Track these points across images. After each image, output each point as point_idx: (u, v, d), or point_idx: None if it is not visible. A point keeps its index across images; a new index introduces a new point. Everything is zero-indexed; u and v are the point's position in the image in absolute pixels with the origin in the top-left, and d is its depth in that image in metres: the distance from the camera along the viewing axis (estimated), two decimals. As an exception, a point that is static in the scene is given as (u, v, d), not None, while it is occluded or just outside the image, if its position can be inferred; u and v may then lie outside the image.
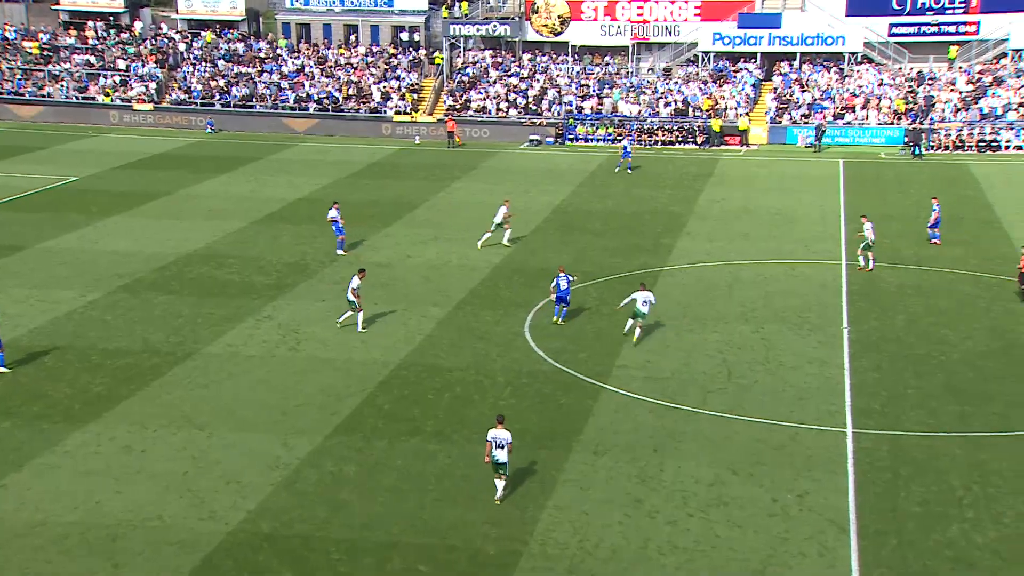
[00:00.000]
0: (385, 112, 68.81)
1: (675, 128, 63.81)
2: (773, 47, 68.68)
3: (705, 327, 31.10)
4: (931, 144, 59.32)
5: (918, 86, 65.12)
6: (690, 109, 65.52)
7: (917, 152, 58.06)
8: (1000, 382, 26.77)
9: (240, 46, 76.58)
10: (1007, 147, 59.22)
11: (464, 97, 69.36)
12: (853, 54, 67.54)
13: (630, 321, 30.13)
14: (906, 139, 60.04)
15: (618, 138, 62.89)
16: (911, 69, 66.88)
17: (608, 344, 29.76)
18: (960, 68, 66.24)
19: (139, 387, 27.00)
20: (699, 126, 63.38)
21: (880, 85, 65.60)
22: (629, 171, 54.83)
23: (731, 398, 26.01)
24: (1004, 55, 66.16)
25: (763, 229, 42.46)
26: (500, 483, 21.04)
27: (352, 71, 72.64)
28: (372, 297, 34.15)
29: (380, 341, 30.22)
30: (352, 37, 76.98)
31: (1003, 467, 22.18)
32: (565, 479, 22.00)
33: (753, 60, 69.25)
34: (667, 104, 66.25)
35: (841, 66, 67.58)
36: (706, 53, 69.81)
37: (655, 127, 64.04)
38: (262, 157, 60.02)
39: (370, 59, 74.30)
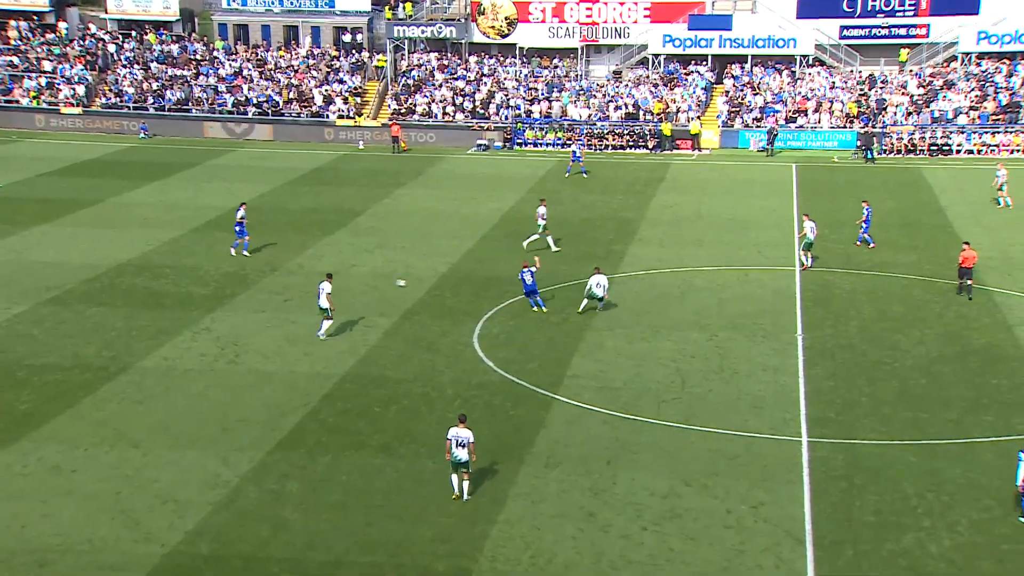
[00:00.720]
0: (327, 116, 68.51)
1: (626, 132, 64.30)
2: (724, 49, 69.54)
3: (658, 335, 31.34)
4: (883, 148, 60.43)
5: (869, 89, 66.33)
6: (641, 113, 66.09)
7: (870, 156, 59.13)
8: (954, 388, 27.31)
9: (174, 48, 75.79)
10: (958, 151, 60.51)
11: (409, 101, 69.29)
12: (804, 56, 68.63)
13: (584, 301, 32.66)
14: (859, 143, 61.12)
15: (567, 142, 63.23)
16: (862, 72, 68.12)
17: (559, 353, 29.87)
18: (911, 71, 67.60)
19: (69, 404, 26.53)
20: (650, 130, 63.93)
21: (832, 88, 66.72)
22: (584, 175, 55.16)
23: (685, 408, 26.23)
24: (954, 58, 67.65)
25: (716, 235, 42.91)
26: (464, 483, 21.61)
27: (293, 74, 72.24)
28: (315, 307, 33.93)
29: (324, 353, 30.03)
30: (292, 39, 76.56)
31: (957, 474, 22.61)
32: (516, 493, 22.02)
33: (704, 62, 70.05)
34: (617, 108, 66.75)
35: (793, 69, 68.64)
36: (656, 55, 70.48)
37: (605, 131, 64.47)
38: (198, 163, 59.40)
39: (311, 61, 73.96)
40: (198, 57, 74.70)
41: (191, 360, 29.53)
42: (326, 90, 70.22)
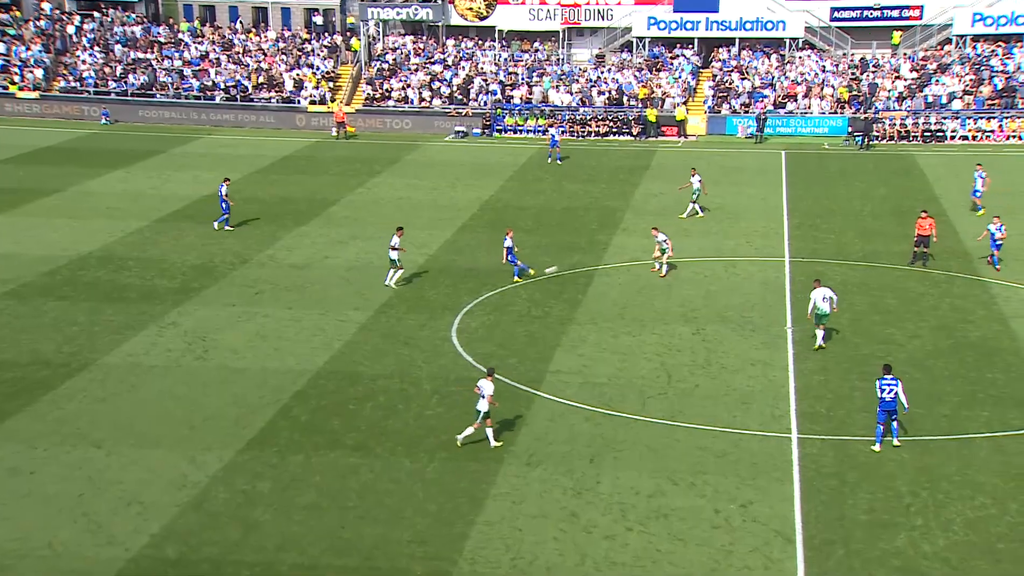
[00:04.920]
0: (299, 102, 68.27)
1: (609, 118, 64.35)
2: (711, 32, 69.73)
3: (643, 328, 31.42)
4: (875, 134, 60.71)
5: (861, 73, 66.63)
6: (625, 98, 66.15)
7: (862, 142, 59.35)
8: (948, 383, 27.50)
9: (137, 29, 75.27)
10: (952, 137, 60.89)
11: (384, 86, 69.11)
12: (794, 39, 68.86)
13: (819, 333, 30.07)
14: (851, 129, 61.36)
15: (548, 129, 63.27)
16: (854, 55, 68.42)
17: (541, 348, 29.90)
18: (904, 54, 67.95)
19: (27, 402, 26.36)
20: (635, 116, 64.01)
21: (822, 72, 66.99)
22: (559, 161, 55.25)
23: (671, 403, 26.32)
24: (948, 41, 68.05)
25: (703, 224, 43.03)
26: (472, 430, 23.66)
27: (262, 58, 71.90)
28: (287, 301, 33.88)
29: (296, 348, 29.96)
30: (262, 21, 76.20)
31: (951, 472, 22.79)
32: (496, 493, 22.05)
33: (690, 46, 70.19)
34: (600, 93, 66.79)
35: (782, 52, 68.84)
36: (641, 39, 70.57)
37: (588, 117, 64.51)
38: (164, 151, 59.07)
39: (281, 44, 73.65)
40: (162, 40, 74.22)
41: (157, 356, 29.39)
42: (297, 74, 69.95)
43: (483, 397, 23.63)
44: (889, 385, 23.68)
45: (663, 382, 27.64)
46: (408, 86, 68.89)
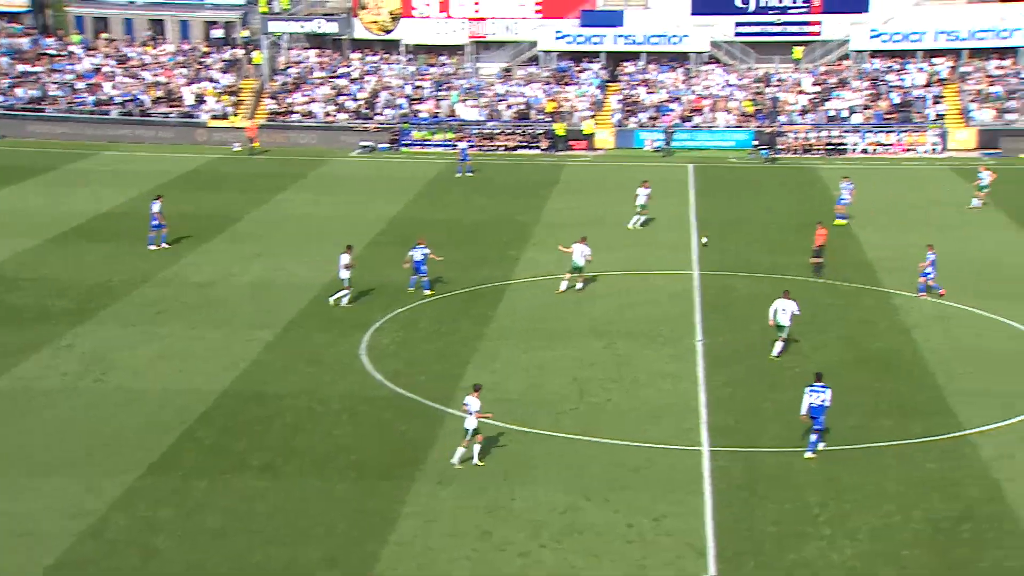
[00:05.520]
0: (199, 116, 67.21)
1: (518, 132, 64.71)
2: (617, 46, 70.67)
3: (555, 344, 31.59)
4: (779, 147, 62.15)
5: (765, 87, 68.19)
6: (533, 112, 66.61)
7: (767, 155, 60.73)
8: (854, 393, 28.13)
9: (25, 41, 73.30)
10: (853, 151, 62.66)
11: (288, 100, 68.48)
12: (699, 54, 70.15)
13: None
14: (756, 142, 62.71)
15: (456, 143, 63.34)
16: (758, 70, 70.00)
17: (452, 365, 29.85)
18: (805, 69, 69.74)
19: (-86, 430, 25.41)
20: (543, 130, 64.47)
21: (727, 86, 68.37)
22: (469, 173, 55.44)
23: (584, 419, 26.49)
24: (847, 56, 70.07)
25: (613, 238, 43.46)
26: (463, 449, 23.57)
27: (160, 71, 70.65)
28: (191, 320, 33.31)
29: (201, 368, 29.43)
30: (159, 34, 74.88)
31: (857, 481, 23.33)
32: (408, 512, 21.92)
33: (597, 60, 71.01)
34: (508, 107, 67.15)
35: (688, 66, 70.07)
36: (548, 52, 71.15)
37: (496, 131, 64.78)
38: (56, 167, 57.63)
39: (180, 58, 72.48)
40: (52, 52, 72.38)
41: (52, 379, 28.59)
42: (197, 89, 68.88)
43: (470, 414, 23.61)
44: (818, 392, 24.26)
45: (575, 397, 27.82)
46: (313, 100, 68.37)
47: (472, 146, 61.63)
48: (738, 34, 70.70)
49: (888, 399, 27.70)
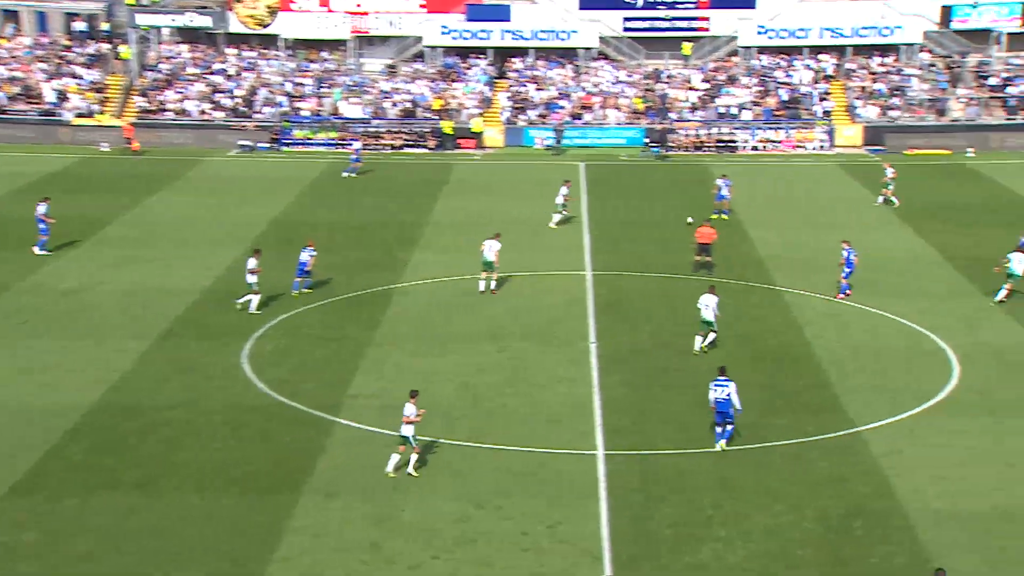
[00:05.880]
0: (63, 115, 65.31)
1: (404, 131, 64.54)
2: (504, 42, 71.05)
3: (447, 348, 31.61)
4: (671, 145, 63.29)
5: (655, 83, 69.34)
6: (419, 110, 66.52)
7: (658, 152, 61.80)
8: (749, 392, 28.59)
9: None
10: (744, 147, 64.17)
11: (159, 98, 67.05)
12: (588, 50, 70.96)
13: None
14: (647, 139, 63.72)
15: (340, 143, 63.03)
16: (647, 66, 71.13)
17: (339, 372, 29.64)
18: (695, 66, 71.15)
19: None
20: (430, 129, 64.42)
21: (617, 83, 69.33)
22: (353, 175, 55.30)
23: (476, 425, 26.57)
24: (735, 52, 71.72)
25: (505, 239, 43.51)
26: (397, 457, 23.55)
27: (16, 66, 68.44)
28: (56, 331, 32.41)
29: (69, 381, 28.64)
30: (15, 26, 72.53)
31: (751, 481, 23.90)
32: (294, 527, 21.69)
33: (484, 56, 71.24)
34: (394, 104, 66.93)
35: (577, 62, 70.82)
36: (433, 48, 71.13)
37: (382, 130, 64.49)
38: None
39: (38, 52, 70.34)
40: None
41: (-95, 397, 27.51)
42: (59, 85, 66.93)
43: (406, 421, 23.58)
44: (722, 385, 24.92)
45: (468, 403, 27.88)
46: (186, 98, 67.08)
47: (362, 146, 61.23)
48: (627, 29, 71.76)
49: (782, 397, 28.44)
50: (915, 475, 23.97)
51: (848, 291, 36.04)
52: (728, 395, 24.94)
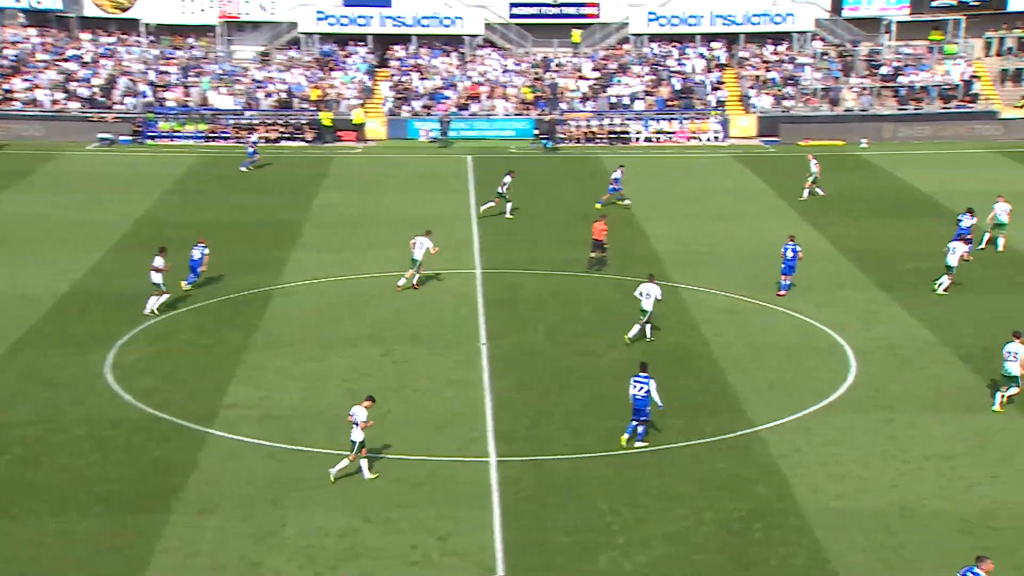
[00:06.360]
0: None
1: (279, 123, 63.71)
2: (385, 28, 70.71)
3: (329, 353, 31.28)
4: (561, 136, 63.69)
5: (544, 72, 69.72)
6: (295, 100, 65.73)
7: (549, 145, 62.15)
8: (646, 391, 29.16)
9: None
10: (637, 139, 64.95)
11: (6, 87, 64.95)
12: (473, 37, 71.01)
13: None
14: (537, 131, 64.03)
15: (210, 135, 62.08)
16: (536, 54, 71.49)
17: (213, 380, 29.09)
18: (585, 54, 71.77)
19: None
20: (308, 120, 63.72)
21: (505, 71, 69.52)
22: (244, 168, 54.72)
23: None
24: (626, 40, 72.57)
25: (389, 236, 43.39)
26: (347, 463, 23.60)
27: None
28: None
29: (-91, 398, 27.50)
30: None
31: (651, 485, 24.15)
32: (164, 547, 21.22)
33: (364, 43, 70.75)
34: (268, 95, 66.02)
35: (462, 50, 70.80)
36: (309, 35, 70.38)
37: (255, 122, 63.55)
38: None
39: None
40: None
41: None
42: None
43: (356, 425, 23.57)
44: (640, 382, 25.20)
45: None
46: (36, 87, 65.10)
47: (228, 138, 60.29)
48: (513, 16, 72.03)
49: (679, 397, 28.75)
50: (813, 474, 24.53)
51: (785, 290, 36.44)
52: (646, 392, 25.31)
